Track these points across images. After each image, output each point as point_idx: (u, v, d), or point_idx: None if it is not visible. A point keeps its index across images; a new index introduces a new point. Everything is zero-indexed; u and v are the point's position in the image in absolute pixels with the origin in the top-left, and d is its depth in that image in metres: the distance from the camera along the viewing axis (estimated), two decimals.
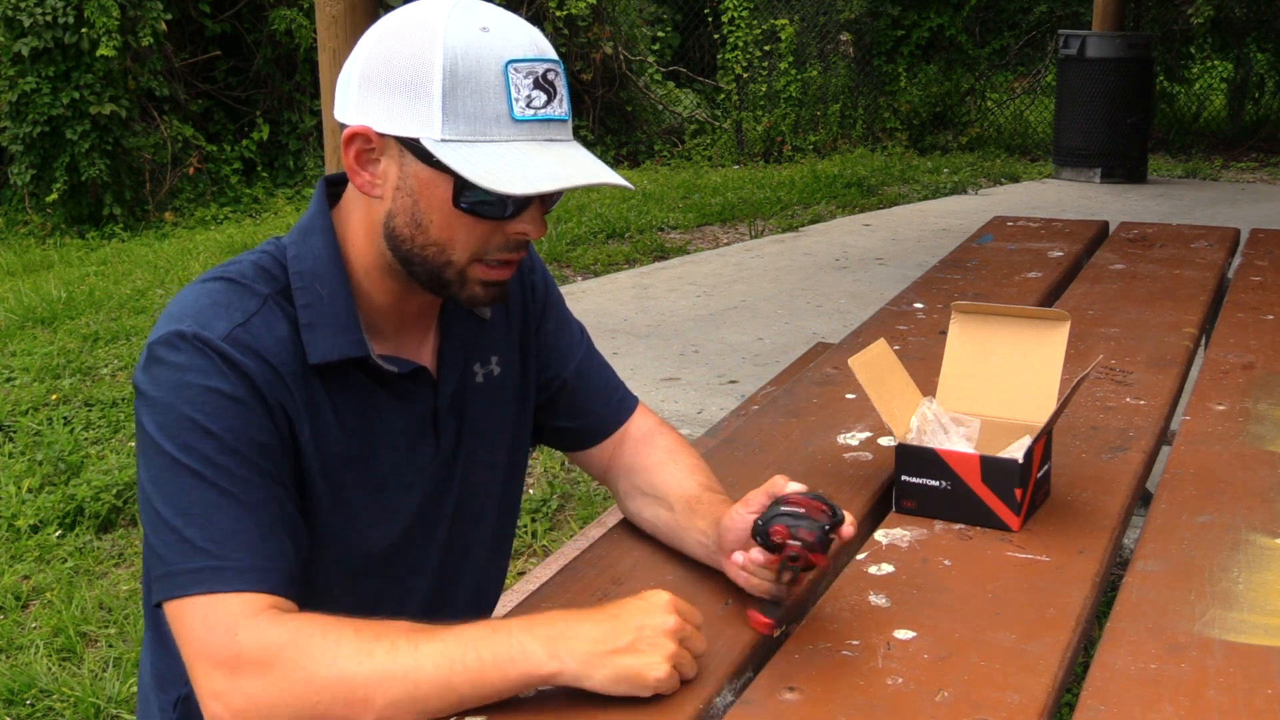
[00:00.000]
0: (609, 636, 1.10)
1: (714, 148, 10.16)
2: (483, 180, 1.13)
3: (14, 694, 2.64)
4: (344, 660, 1.08)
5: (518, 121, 1.16)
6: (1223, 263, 2.91)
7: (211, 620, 1.11)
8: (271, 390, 1.20)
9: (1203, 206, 7.61)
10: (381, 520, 1.33)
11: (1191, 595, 1.33)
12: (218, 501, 1.15)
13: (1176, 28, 10.46)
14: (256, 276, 1.25)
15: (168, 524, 1.15)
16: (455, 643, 1.09)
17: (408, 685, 1.08)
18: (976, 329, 1.69)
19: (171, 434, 1.16)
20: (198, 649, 1.11)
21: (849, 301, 5.47)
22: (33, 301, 5.76)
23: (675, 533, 1.45)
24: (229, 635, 1.10)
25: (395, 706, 1.08)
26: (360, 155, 1.21)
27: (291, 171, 9.31)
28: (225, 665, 1.10)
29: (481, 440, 1.42)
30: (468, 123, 1.15)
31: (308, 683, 1.08)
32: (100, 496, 3.51)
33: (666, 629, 1.12)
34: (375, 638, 1.10)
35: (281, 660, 1.09)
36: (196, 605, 1.12)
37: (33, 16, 7.80)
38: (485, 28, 1.16)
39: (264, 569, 1.15)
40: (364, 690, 1.07)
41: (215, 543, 1.14)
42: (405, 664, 1.08)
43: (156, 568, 1.15)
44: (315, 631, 1.10)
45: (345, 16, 3.90)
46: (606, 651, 1.10)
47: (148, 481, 1.17)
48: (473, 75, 1.14)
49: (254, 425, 1.18)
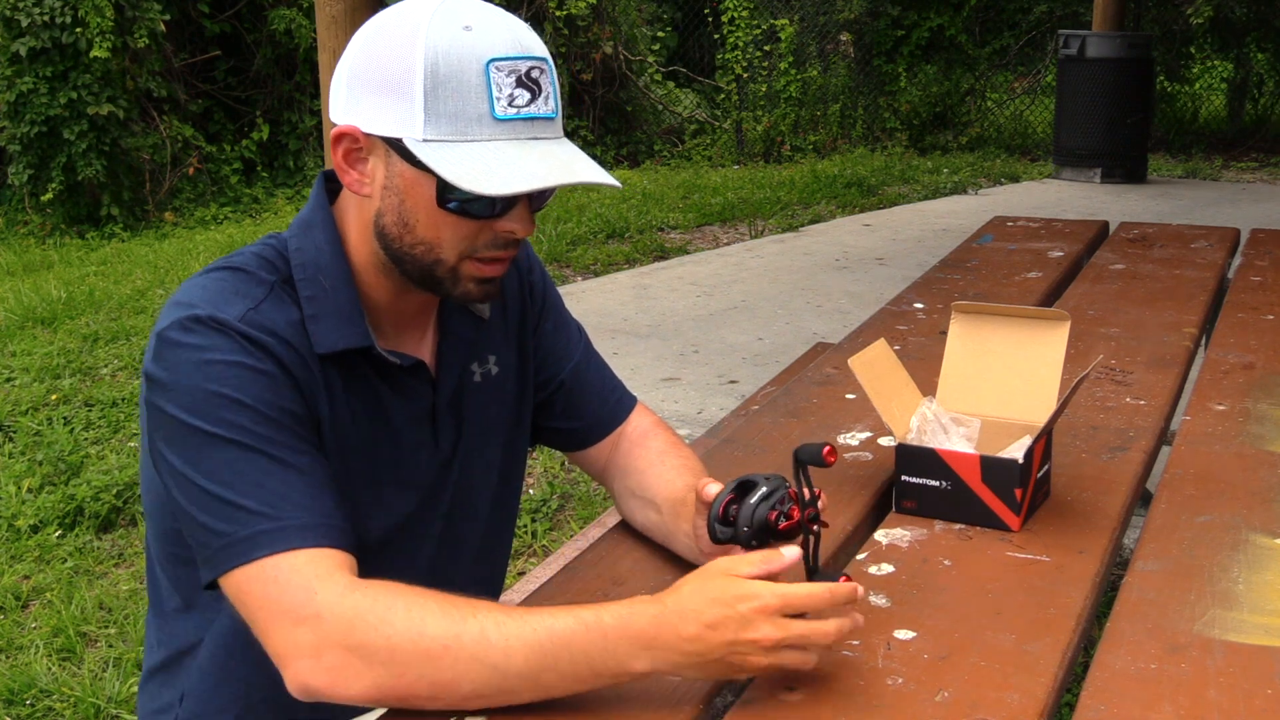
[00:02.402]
0: (704, 650, 1.08)
1: (714, 148, 10.16)
2: (460, 181, 1.13)
3: (14, 694, 2.64)
4: (430, 641, 1.07)
5: (499, 120, 1.15)
6: (1223, 263, 2.91)
7: (284, 580, 1.11)
8: (294, 365, 1.20)
9: (1203, 206, 7.61)
10: (377, 513, 1.33)
11: (1191, 595, 1.33)
12: (266, 467, 1.14)
13: (1176, 28, 10.46)
14: (260, 266, 1.25)
15: (218, 497, 1.13)
16: (548, 638, 1.08)
17: (495, 675, 1.07)
18: (976, 329, 1.69)
19: (202, 412, 1.14)
20: (274, 609, 1.10)
21: (849, 301, 5.47)
22: (33, 301, 5.76)
23: (664, 535, 1.45)
24: (307, 593, 1.10)
25: (482, 696, 1.08)
26: (348, 154, 1.21)
27: (291, 171, 9.32)
28: (308, 622, 1.09)
29: (479, 440, 1.42)
30: (449, 122, 1.15)
31: (391, 654, 1.07)
32: (100, 496, 3.51)
33: (763, 646, 1.08)
34: (463, 619, 1.08)
35: (363, 626, 1.08)
36: (264, 568, 1.11)
37: (31, 17, 7.80)
38: (468, 26, 1.16)
39: (323, 525, 1.14)
40: (452, 673, 1.07)
41: (270, 505, 1.13)
42: (496, 656, 1.07)
43: (212, 543, 1.14)
44: (398, 603, 1.09)
45: (345, 16, 3.89)
46: (699, 662, 1.09)
47: (184, 464, 1.15)
48: (454, 75, 1.14)
49: (284, 396, 1.18)
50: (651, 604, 1.10)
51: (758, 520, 1.22)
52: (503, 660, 1.07)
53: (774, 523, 1.22)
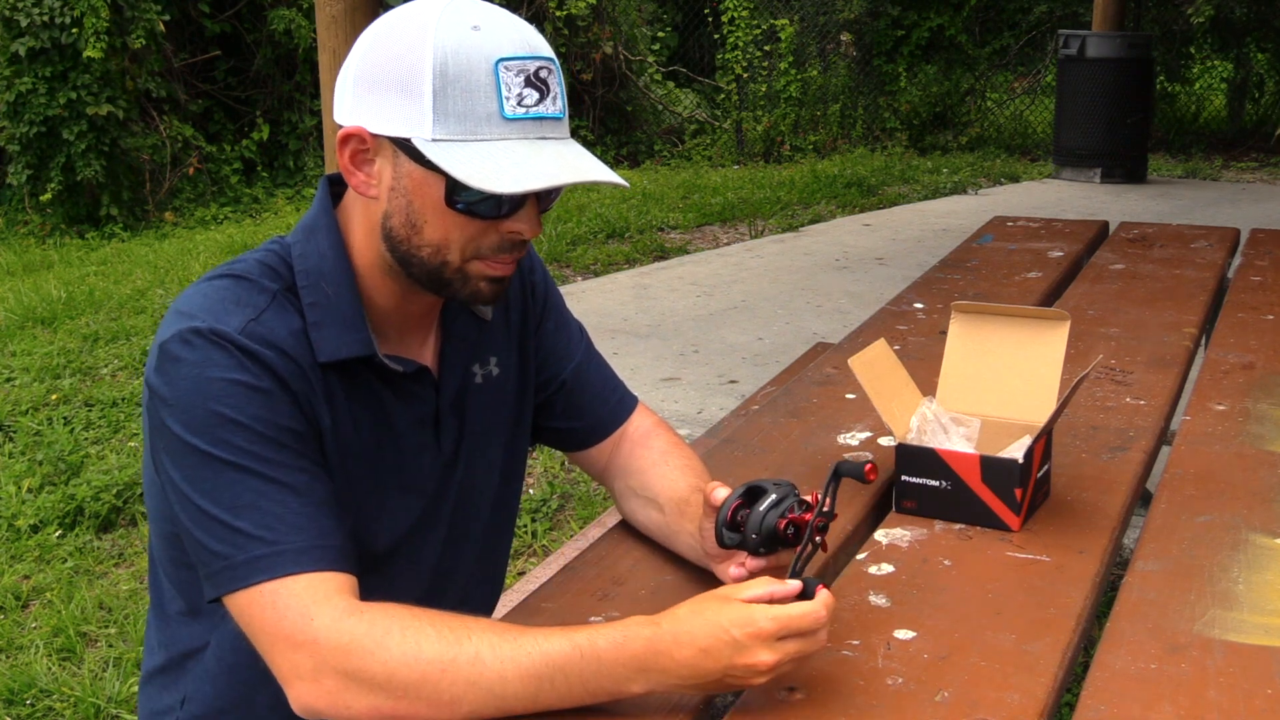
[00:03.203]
0: (699, 674, 1.09)
1: (714, 148, 10.16)
2: (471, 179, 1.12)
3: (14, 694, 2.64)
4: (426, 666, 1.08)
5: (509, 120, 1.15)
6: (1223, 263, 2.91)
7: (281, 605, 1.11)
8: (294, 379, 1.20)
9: (1203, 206, 7.61)
10: (383, 520, 1.33)
11: (1191, 595, 1.33)
12: (261, 489, 1.15)
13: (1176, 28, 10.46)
14: (263, 274, 1.25)
15: (215, 519, 1.14)
16: (543, 662, 1.09)
17: (492, 698, 1.09)
18: (976, 329, 1.69)
19: (200, 431, 1.15)
20: (273, 634, 1.12)
21: (849, 301, 5.47)
22: (33, 301, 5.75)
23: (667, 534, 1.45)
24: (304, 619, 1.11)
25: (481, 716, 1.09)
26: (355, 156, 1.21)
27: (291, 171, 9.32)
28: (305, 648, 1.10)
29: (481, 440, 1.42)
30: (458, 122, 1.15)
31: (389, 679, 1.08)
32: (100, 496, 3.51)
33: (759, 670, 1.08)
34: (458, 642, 1.09)
35: (359, 651, 1.09)
36: (263, 593, 1.12)
37: (30, 17, 7.80)
38: (476, 26, 1.16)
39: (321, 548, 1.15)
40: (450, 696, 1.08)
41: (267, 529, 1.13)
42: (491, 679, 1.08)
43: (211, 563, 1.15)
44: (394, 627, 1.10)
45: (345, 16, 3.89)
46: (695, 685, 1.10)
47: (183, 481, 1.16)
48: (463, 74, 1.14)
49: (281, 413, 1.18)
50: (647, 626, 1.11)
51: (766, 527, 1.23)
52: (498, 684, 1.08)
53: (782, 530, 1.22)
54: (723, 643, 1.08)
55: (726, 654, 1.08)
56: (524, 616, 1.33)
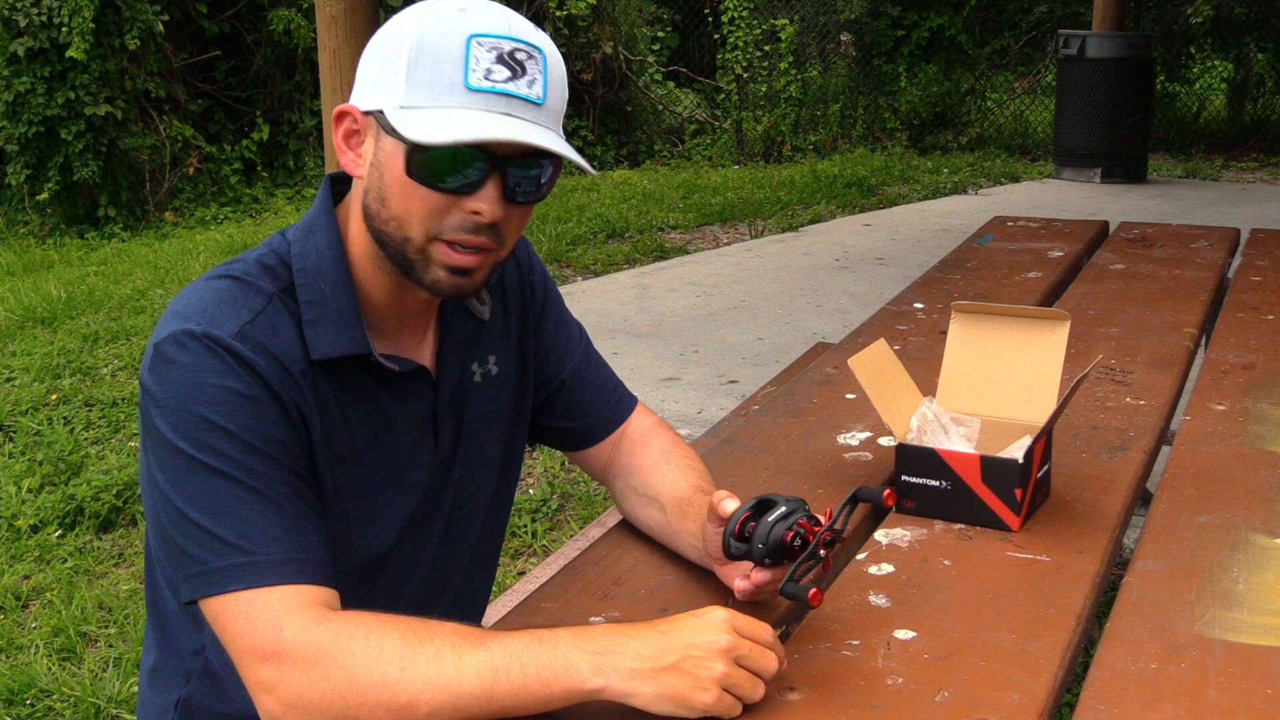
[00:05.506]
0: (655, 654, 1.08)
1: (714, 148, 10.16)
2: (408, 133, 1.13)
3: (14, 694, 2.64)
4: (386, 665, 1.08)
5: (471, 90, 1.15)
6: (1223, 263, 2.91)
7: (254, 616, 1.11)
8: (284, 387, 1.20)
9: (1203, 206, 7.61)
10: (380, 520, 1.33)
11: (1191, 595, 1.33)
12: (243, 497, 1.15)
13: (1176, 28, 10.46)
14: (261, 274, 1.25)
15: (195, 523, 1.14)
16: (500, 652, 1.08)
17: (449, 695, 1.07)
18: (976, 329, 1.69)
19: (187, 434, 1.15)
20: (244, 645, 1.11)
21: (849, 301, 5.47)
22: (33, 301, 5.75)
23: (668, 534, 1.45)
24: (274, 631, 1.10)
25: (438, 716, 1.08)
26: (348, 135, 1.23)
27: (291, 171, 9.32)
28: (273, 659, 1.10)
29: (479, 439, 1.42)
30: (424, 90, 1.15)
31: (350, 684, 1.08)
32: (100, 496, 3.51)
33: (716, 649, 1.08)
34: (419, 643, 1.09)
35: (324, 660, 1.09)
36: (238, 602, 1.12)
37: (29, 17, 7.80)
38: (463, 9, 1.17)
39: (298, 560, 1.14)
40: (407, 696, 1.07)
41: (246, 538, 1.13)
42: (448, 674, 1.07)
43: (188, 566, 1.15)
44: (359, 633, 1.10)
45: (345, 16, 3.89)
46: (651, 670, 1.08)
47: (166, 483, 1.16)
48: (436, 46, 1.15)
49: (270, 421, 1.18)
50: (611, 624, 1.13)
51: (773, 539, 1.23)
52: (455, 678, 1.07)
53: (789, 541, 1.23)
54: (679, 623, 1.10)
55: (684, 632, 1.09)
56: (524, 616, 1.33)
